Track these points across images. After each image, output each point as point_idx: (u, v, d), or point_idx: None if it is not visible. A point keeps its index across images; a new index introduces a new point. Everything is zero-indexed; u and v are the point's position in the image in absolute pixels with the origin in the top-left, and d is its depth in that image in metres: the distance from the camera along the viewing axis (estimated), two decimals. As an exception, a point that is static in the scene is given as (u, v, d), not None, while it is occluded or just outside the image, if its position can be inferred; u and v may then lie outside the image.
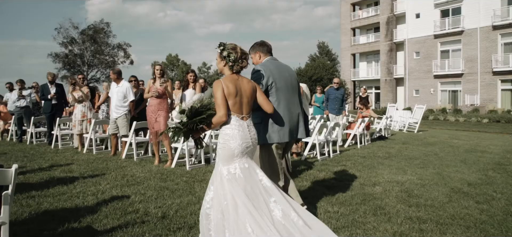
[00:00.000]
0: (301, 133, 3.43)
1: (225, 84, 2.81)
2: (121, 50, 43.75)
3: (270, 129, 3.21)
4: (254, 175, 2.77)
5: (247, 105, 2.90)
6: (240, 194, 2.63)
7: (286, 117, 3.26)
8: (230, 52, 2.89)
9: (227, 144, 2.80)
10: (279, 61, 3.47)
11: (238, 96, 2.84)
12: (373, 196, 4.50)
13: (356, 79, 37.70)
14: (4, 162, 6.67)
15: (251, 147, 2.87)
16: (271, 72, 3.25)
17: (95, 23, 42.05)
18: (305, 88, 8.06)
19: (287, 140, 3.28)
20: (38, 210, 3.88)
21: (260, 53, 3.44)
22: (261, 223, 2.51)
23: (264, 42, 3.47)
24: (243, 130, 2.82)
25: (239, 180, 2.70)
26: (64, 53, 41.02)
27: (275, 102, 3.21)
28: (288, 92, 3.32)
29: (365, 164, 6.67)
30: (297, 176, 5.56)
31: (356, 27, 37.86)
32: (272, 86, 3.23)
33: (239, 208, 2.59)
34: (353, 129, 9.36)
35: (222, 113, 2.78)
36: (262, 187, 2.73)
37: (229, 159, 2.77)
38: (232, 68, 2.91)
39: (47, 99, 9.05)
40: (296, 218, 2.62)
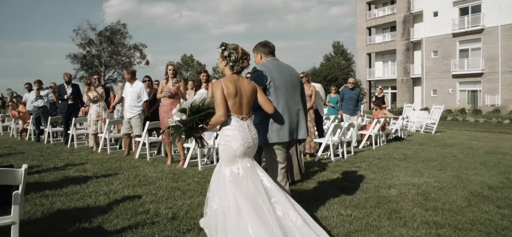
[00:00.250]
0: (302, 134, 3.37)
1: (225, 85, 2.82)
2: (137, 51, 44.36)
3: (270, 128, 3.19)
4: (256, 175, 2.79)
5: (247, 106, 2.91)
6: (242, 195, 2.64)
7: (285, 117, 3.22)
8: (231, 52, 2.90)
9: (229, 145, 2.81)
10: (280, 61, 3.44)
11: (238, 96, 2.85)
12: (388, 199, 4.37)
13: (372, 79, 37.17)
14: (21, 161, 6.80)
15: (252, 146, 2.89)
16: (269, 72, 3.23)
17: (112, 25, 42.78)
18: (319, 88, 7.96)
19: (286, 140, 3.23)
20: (51, 209, 3.91)
21: (261, 53, 3.44)
22: (262, 225, 2.52)
23: (267, 43, 3.45)
24: (243, 130, 2.84)
25: (243, 179, 2.72)
26: (82, 54, 41.84)
27: (274, 102, 3.18)
28: (288, 92, 3.28)
29: (380, 165, 6.52)
30: (310, 177, 5.46)
31: (372, 26, 37.33)
32: (271, 85, 3.21)
33: (241, 210, 2.60)
34: (368, 129, 9.19)
35: (221, 113, 2.79)
36: (263, 187, 2.74)
37: (232, 159, 2.80)
38: (232, 68, 2.92)
39: (63, 100, 9.21)
40: (295, 218, 2.65)
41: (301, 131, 3.36)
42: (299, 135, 3.35)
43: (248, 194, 2.67)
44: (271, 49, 3.43)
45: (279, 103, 3.21)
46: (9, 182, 2.56)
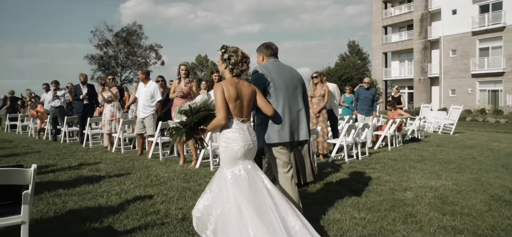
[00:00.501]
0: (303, 135, 3.32)
1: (226, 88, 2.83)
2: (152, 52, 44.78)
3: (271, 129, 3.19)
4: (258, 176, 2.83)
5: (246, 109, 2.94)
6: (244, 197, 2.67)
7: (285, 117, 3.21)
8: (231, 55, 2.92)
9: (230, 147, 2.83)
10: (281, 63, 3.44)
11: (238, 100, 2.86)
12: (404, 202, 4.24)
13: (388, 79, 36.55)
14: (37, 160, 6.93)
15: (252, 148, 2.92)
16: (269, 72, 3.24)
17: (128, 26, 43.31)
18: (334, 88, 7.82)
19: (287, 140, 3.20)
20: (63, 208, 3.94)
21: (263, 55, 3.45)
22: (264, 226, 2.54)
23: (270, 45, 3.47)
24: (243, 132, 2.87)
25: (244, 180, 2.75)
26: (99, 55, 42.49)
27: (274, 102, 3.19)
28: (288, 92, 3.27)
29: (395, 167, 6.36)
30: (323, 178, 5.36)
31: (388, 25, 36.71)
32: (271, 86, 3.20)
33: (242, 211, 2.63)
34: (383, 130, 9.00)
35: (221, 116, 2.80)
36: (265, 188, 2.77)
37: (233, 161, 2.82)
38: (232, 71, 2.94)
39: (79, 100, 9.34)
40: (293, 222, 2.67)
41: (302, 132, 3.32)
42: (300, 136, 3.31)
43: (250, 194, 2.69)
44: (274, 51, 3.44)
45: (279, 104, 3.21)
46: (18, 181, 2.56)
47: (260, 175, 2.86)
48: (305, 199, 4.28)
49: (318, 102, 6.97)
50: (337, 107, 7.95)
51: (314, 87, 7.02)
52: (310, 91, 7.04)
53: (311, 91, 7.02)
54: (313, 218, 3.63)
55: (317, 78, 7.01)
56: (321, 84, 7.06)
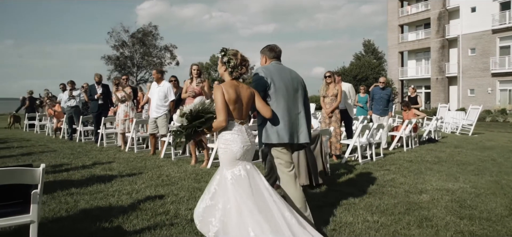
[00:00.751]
0: (303, 138, 3.31)
1: (226, 90, 2.87)
2: (167, 52, 45.20)
3: (270, 129, 3.22)
4: (257, 175, 2.89)
5: (245, 111, 3.00)
6: (245, 197, 2.72)
7: (284, 119, 3.22)
8: (230, 58, 2.96)
9: (229, 148, 2.89)
10: (283, 65, 3.48)
11: (238, 102, 2.91)
12: (419, 205, 4.11)
13: (404, 78, 35.91)
14: (53, 159, 7.04)
15: (251, 148, 2.98)
16: (270, 73, 3.26)
17: (144, 27, 43.81)
18: (349, 88, 7.68)
19: (286, 141, 3.20)
20: (74, 208, 3.97)
21: (266, 57, 3.49)
22: (266, 225, 2.60)
23: (274, 48, 3.49)
24: (242, 133, 2.93)
25: (245, 180, 2.80)
26: (116, 56, 43.12)
27: (273, 104, 3.21)
28: (288, 95, 3.28)
29: (411, 168, 6.20)
30: (335, 179, 5.25)
31: (404, 23, 36.05)
32: (271, 86, 3.23)
33: (243, 211, 2.67)
34: (399, 130, 8.80)
35: (222, 118, 2.84)
36: (265, 187, 2.84)
37: (232, 162, 2.88)
38: (231, 74, 2.98)
39: (94, 99, 9.47)
40: (290, 218, 2.74)
41: (302, 135, 3.30)
42: (300, 138, 3.30)
43: (251, 194, 2.75)
44: (277, 53, 3.48)
45: (279, 105, 3.22)
46: (27, 181, 2.58)
47: (259, 174, 2.92)
48: (316, 200, 4.20)
49: (330, 102, 6.86)
50: (352, 107, 7.80)
51: (327, 87, 6.91)
52: (322, 91, 6.94)
53: (324, 91, 6.91)
54: (325, 220, 3.56)
55: (330, 77, 6.89)
56: (334, 84, 6.94)
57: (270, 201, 2.75)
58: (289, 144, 3.25)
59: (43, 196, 4.27)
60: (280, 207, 2.77)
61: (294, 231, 2.67)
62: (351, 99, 7.72)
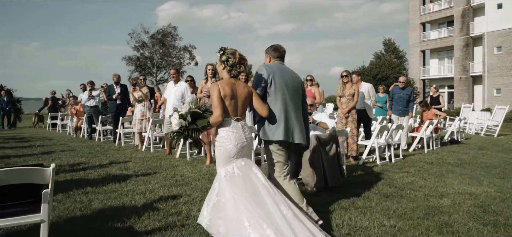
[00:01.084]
0: (298, 138, 3.32)
1: (222, 87, 2.96)
2: (186, 52, 45.66)
3: (267, 126, 3.29)
4: (251, 171, 2.94)
5: (241, 108, 3.07)
6: (238, 191, 2.79)
7: (281, 118, 3.27)
8: (229, 57, 3.05)
9: (223, 146, 2.97)
10: (285, 66, 3.55)
11: (233, 99, 3.00)
12: (439, 210, 3.93)
13: (426, 78, 34.99)
14: (71, 158, 7.16)
15: (247, 145, 3.04)
16: (272, 72, 3.33)
17: (163, 28, 44.39)
18: (369, 88, 7.47)
19: (281, 139, 3.26)
20: (88, 207, 3.99)
21: (270, 56, 3.56)
22: (258, 218, 2.64)
23: (278, 48, 3.56)
24: (237, 131, 3.00)
25: (238, 178, 2.88)
26: (136, 56, 43.87)
27: (272, 101, 3.28)
28: (288, 94, 3.35)
29: (431, 171, 5.98)
30: (351, 182, 5.11)
31: (426, 21, 35.12)
32: (272, 84, 3.30)
33: (237, 204, 2.74)
34: (419, 131, 8.54)
35: (218, 113, 2.93)
36: (260, 182, 2.89)
37: (227, 160, 2.95)
38: (230, 72, 3.07)
39: (112, 99, 9.61)
40: (286, 211, 2.76)
41: (297, 135, 3.32)
42: (295, 138, 3.32)
43: (245, 190, 2.80)
44: (281, 53, 3.55)
45: (277, 103, 3.29)
46: (38, 180, 2.59)
47: (254, 170, 2.96)
48: (331, 203, 4.09)
49: (347, 102, 6.70)
50: (371, 108, 7.59)
51: (344, 86, 6.75)
52: (339, 91, 6.79)
53: (340, 90, 6.76)
54: (338, 224, 3.46)
55: (347, 77, 6.73)
56: (351, 83, 6.78)
57: (265, 195, 2.81)
58: (285, 142, 3.29)
59: (58, 195, 4.37)
60: (276, 201, 2.81)
61: (291, 223, 2.69)
62: (371, 100, 7.51)
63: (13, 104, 16.20)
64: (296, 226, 2.68)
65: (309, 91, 7.77)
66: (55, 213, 3.78)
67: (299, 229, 2.68)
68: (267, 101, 3.29)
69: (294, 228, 2.66)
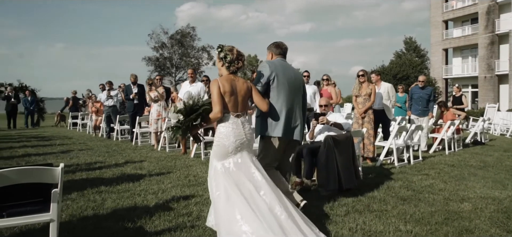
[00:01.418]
0: (297, 134, 3.44)
1: (221, 83, 3.00)
2: (205, 52, 45.99)
3: (268, 122, 3.34)
4: (247, 168, 2.97)
5: (241, 104, 3.10)
6: (232, 184, 2.85)
7: (283, 114, 3.34)
8: (227, 54, 3.10)
9: (221, 142, 3.01)
10: (287, 63, 3.60)
11: (233, 95, 3.04)
12: (460, 215, 3.76)
13: (449, 77, 34.00)
14: (88, 157, 7.28)
15: (246, 141, 3.06)
16: (275, 68, 3.37)
17: (182, 28, 44.84)
18: (389, 88, 7.23)
19: (280, 135, 3.33)
20: (101, 206, 4.02)
21: (272, 53, 3.60)
22: (249, 210, 2.70)
23: (280, 45, 3.60)
24: (237, 127, 3.03)
25: (233, 173, 2.93)
26: (156, 57, 44.47)
27: (274, 98, 3.34)
28: (290, 91, 3.40)
29: (452, 174, 5.75)
30: (367, 184, 4.97)
31: (449, 19, 34.11)
32: (274, 80, 3.34)
33: (231, 197, 2.80)
34: (440, 132, 8.26)
35: (217, 109, 2.97)
36: (254, 180, 2.91)
37: (224, 155, 3.00)
38: (228, 68, 3.12)
39: (130, 99, 9.74)
40: (280, 212, 2.77)
41: (296, 132, 3.43)
42: (294, 135, 3.42)
43: (238, 185, 2.86)
44: (283, 50, 3.59)
45: (279, 100, 3.35)
46: (47, 180, 2.60)
47: (251, 168, 2.98)
48: (345, 206, 3.98)
49: (363, 102, 6.53)
50: (390, 109, 7.34)
51: (360, 86, 6.58)
52: (355, 90, 6.63)
53: (357, 90, 6.60)
54: (351, 228, 3.35)
55: (363, 77, 6.57)
56: (368, 83, 6.60)
57: (255, 193, 2.83)
58: (284, 139, 3.36)
59: (73, 193, 4.43)
60: (269, 201, 2.82)
61: (283, 225, 2.70)
62: (391, 101, 7.26)
63: (36, 104, 16.69)
64: (288, 227, 2.68)
65: (325, 91, 7.65)
66: (68, 211, 3.82)
67: (291, 231, 2.67)
68: (269, 97, 3.34)
69: (285, 229, 2.67)
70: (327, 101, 5.07)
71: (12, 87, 15.73)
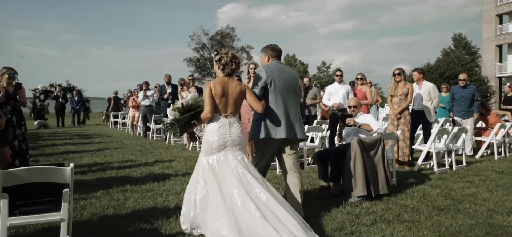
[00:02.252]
0: (300, 134, 3.57)
1: (213, 85, 3.17)
2: (244, 53, 46.34)
3: (269, 124, 3.46)
4: (228, 166, 3.09)
5: (232, 105, 3.23)
6: (212, 179, 3.05)
7: (281, 116, 3.47)
8: (221, 57, 3.25)
9: (207, 139, 3.19)
10: (282, 65, 3.75)
11: (224, 97, 3.18)
12: (505, 230, 3.35)
13: (503, 75, 31.53)
14: (122, 155, 7.46)
15: (230, 141, 3.17)
16: (271, 72, 3.51)
17: (222, 29, 45.49)
18: (430, 89, 6.70)
19: (283, 137, 3.46)
20: (122, 205, 4.05)
21: (268, 55, 3.70)
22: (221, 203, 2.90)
23: (275, 47, 3.73)
24: (223, 126, 3.18)
25: (214, 170, 3.11)
26: (196, 58, 45.46)
27: (273, 100, 3.48)
28: (287, 93, 3.55)
29: (500, 182, 5.20)
30: (401, 191, 4.61)
31: (504, 13, 31.65)
32: (272, 84, 3.48)
33: (209, 190, 3.04)
34: (488, 135, 7.56)
35: (207, 110, 3.15)
36: (235, 177, 3.02)
37: (209, 151, 3.17)
38: (223, 70, 3.26)
39: (164, 99, 9.92)
40: (254, 210, 2.85)
41: (299, 131, 3.56)
42: (297, 134, 3.55)
43: (215, 182, 3.04)
44: (278, 52, 3.71)
45: (277, 103, 3.48)
46: (57, 179, 2.61)
47: (232, 165, 3.09)
48: (372, 214, 3.71)
49: (399, 102, 6.11)
50: (431, 111, 6.77)
51: (396, 85, 6.16)
52: (390, 90, 6.22)
53: (392, 89, 6.18)
54: (376, 241, 3.07)
55: (400, 75, 6.14)
56: (404, 82, 6.16)
57: (229, 192, 2.96)
58: (282, 140, 3.51)
59: (98, 191, 4.51)
60: (248, 187, 2.98)
61: (256, 222, 2.78)
62: (433, 102, 6.72)
63: (82, 104, 17.59)
64: (260, 225, 2.77)
65: (359, 91, 7.28)
66: (91, 209, 3.88)
67: (262, 228, 2.74)
68: (268, 101, 3.47)
69: (256, 226, 2.76)
70: (357, 102, 4.78)
71: (61, 87, 16.66)
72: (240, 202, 2.89)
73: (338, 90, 7.01)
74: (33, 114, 16.08)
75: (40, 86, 16.82)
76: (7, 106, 5.17)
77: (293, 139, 3.54)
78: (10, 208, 2.54)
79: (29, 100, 17.34)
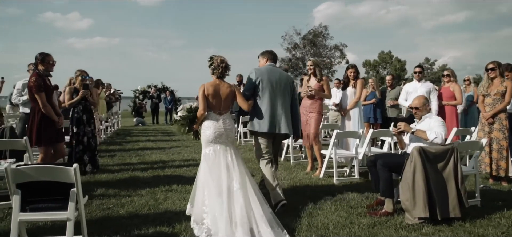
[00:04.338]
0: (284, 129, 3.96)
1: (206, 87, 3.64)
2: (337, 51, 44.89)
3: (255, 120, 3.97)
4: (222, 155, 3.57)
5: (224, 104, 3.72)
6: (206, 168, 3.54)
7: (267, 113, 3.90)
8: (212, 62, 3.71)
9: (204, 132, 3.67)
10: (275, 67, 4.16)
11: (216, 97, 3.66)
12: None
13: None
14: (177, 155, 7.64)
15: (224, 133, 3.65)
16: (261, 74, 3.97)
17: (314, 28, 44.74)
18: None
19: (265, 130, 3.91)
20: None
21: (267, 58, 4.17)
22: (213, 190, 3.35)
23: (272, 52, 4.21)
24: (217, 121, 3.66)
25: (211, 157, 3.58)
26: (288, 58, 45.57)
27: (260, 99, 3.94)
28: (274, 92, 3.96)
29: None
30: (482, 215, 3.63)
31: None
32: (260, 84, 3.94)
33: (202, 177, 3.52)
34: None
35: (201, 108, 3.65)
36: (225, 165, 3.51)
37: (206, 143, 3.65)
38: (213, 73, 3.72)
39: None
40: (235, 186, 3.39)
41: (283, 126, 3.95)
42: (281, 129, 3.96)
43: (212, 169, 3.51)
44: (273, 56, 4.20)
45: (264, 100, 3.93)
46: (62, 179, 2.61)
47: (226, 153, 3.60)
48: None
49: (493, 103, 4.92)
50: None
51: (490, 82, 4.98)
52: (482, 88, 5.05)
53: (484, 88, 5.01)
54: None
55: (494, 71, 4.92)
56: (501, 79, 4.93)
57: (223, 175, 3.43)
58: (270, 133, 3.94)
59: (143, 190, 4.56)
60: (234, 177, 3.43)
61: (237, 193, 3.31)
62: None
63: (174, 103, 18.94)
64: (238, 195, 3.29)
65: (446, 89, 6.19)
66: (129, 208, 3.91)
67: (240, 197, 3.27)
68: (256, 99, 3.93)
69: (237, 197, 3.29)
70: (422, 103, 3.93)
71: (156, 88, 18.19)
72: (231, 179, 3.41)
73: (417, 89, 6.05)
74: (133, 112, 17.88)
75: (139, 87, 18.63)
76: (79, 106, 5.66)
77: (278, 133, 3.97)
78: (22, 204, 2.63)
79: (130, 100, 19.42)
